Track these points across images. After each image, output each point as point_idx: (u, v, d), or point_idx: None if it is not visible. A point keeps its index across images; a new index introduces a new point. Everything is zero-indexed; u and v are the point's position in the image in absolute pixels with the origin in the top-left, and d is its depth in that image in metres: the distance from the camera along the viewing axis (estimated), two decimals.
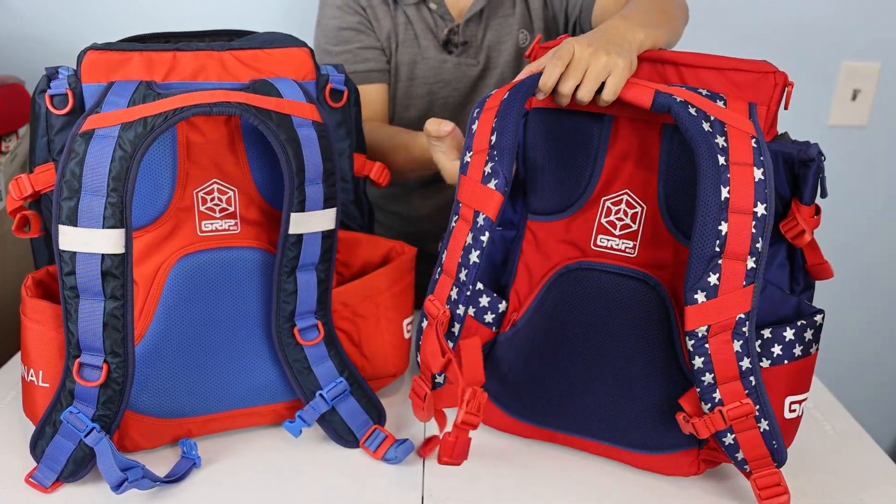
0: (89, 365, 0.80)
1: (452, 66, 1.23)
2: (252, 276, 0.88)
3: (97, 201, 0.76)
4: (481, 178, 0.79)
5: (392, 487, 0.86)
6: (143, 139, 0.77)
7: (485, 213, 0.78)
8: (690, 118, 0.76)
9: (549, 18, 1.24)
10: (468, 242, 0.79)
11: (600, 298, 0.84)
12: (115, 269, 0.78)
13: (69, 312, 0.79)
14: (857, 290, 1.77)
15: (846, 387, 1.58)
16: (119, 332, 0.80)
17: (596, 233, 0.86)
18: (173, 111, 0.78)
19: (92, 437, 0.80)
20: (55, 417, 0.82)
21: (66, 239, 0.77)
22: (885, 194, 1.71)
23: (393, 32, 1.22)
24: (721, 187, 0.74)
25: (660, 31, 0.89)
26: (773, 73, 0.82)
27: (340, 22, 1.20)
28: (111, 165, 0.76)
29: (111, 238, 0.77)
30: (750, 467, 0.81)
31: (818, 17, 1.58)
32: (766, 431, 0.79)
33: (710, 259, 0.75)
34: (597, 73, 0.78)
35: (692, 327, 0.76)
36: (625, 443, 0.88)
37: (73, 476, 0.82)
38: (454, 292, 0.81)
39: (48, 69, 0.84)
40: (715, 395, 0.78)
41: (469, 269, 0.79)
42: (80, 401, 0.81)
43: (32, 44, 1.51)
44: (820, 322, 0.82)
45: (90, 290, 0.78)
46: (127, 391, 0.82)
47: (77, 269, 0.78)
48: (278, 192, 0.90)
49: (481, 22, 1.23)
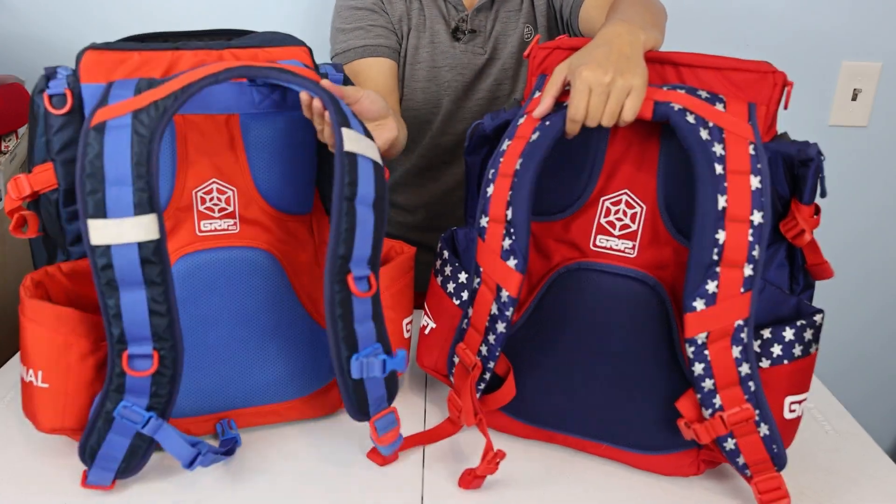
0: (139, 355, 0.78)
1: (460, 53, 1.27)
2: (251, 276, 0.88)
3: (124, 190, 0.75)
4: (500, 251, 0.82)
5: (392, 487, 0.86)
6: (158, 121, 0.76)
7: (507, 290, 0.82)
8: (689, 127, 0.77)
9: (550, 17, 1.29)
10: (494, 313, 0.84)
11: (600, 299, 0.84)
12: (152, 256, 0.76)
13: (109, 306, 0.77)
14: (857, 290, 1.77)
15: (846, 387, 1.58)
16: (164, 316, 0.78)
17: (595, 233, 0.86)
18: (182, 89, 0.77)
19: (150, 426, 0.80)
20: (107, 415, 0.80)
21: (97, 233, 0.75)
22: (885, 194, 1.71)
23: (406, 16, 1.26)
24: (718, 196, 0.75)
25: (655, 31, 0.89)
26: (772, 73, 0.82)
27: (356, 2, 1.24)
28: (131, 152, 0.75)
29: (145, 224, 0.75)
30: (751, 472, 0.81)
31: (818, 17, 1.58)
32: (766, 436, 0.80)
33: (708, 267, 0.75)
34: (618, 99, 0.78)
35: (692, 334, 0.77)
36: (625, 443, 0.88)
37: (128, 471, 0.82)
38: (484, 349, 0.87)
39: (47, 69, 0.84)
40: (715, 401, 0.79)
41: (497, 336, 0.85)
42: (131, 393, 0.80)
43: (32, 44, 1.51)
44: (820, 322, 0.82)
45: (131, 281, 0.76)
46: (179, 373, 0.80)
47: (114, 261, 0.75)
48: (278, 192, 0.90)
49: (490, 12, 1.28)
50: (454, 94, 1.29)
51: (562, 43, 0.90)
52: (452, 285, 0.93)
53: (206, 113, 0.86)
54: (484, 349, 0.86)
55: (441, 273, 0.95)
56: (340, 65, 0.97)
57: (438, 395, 1.04)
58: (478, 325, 0.86)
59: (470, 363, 0.88)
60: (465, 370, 0.89)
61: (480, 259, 0.85)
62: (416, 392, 1.05)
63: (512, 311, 0.83)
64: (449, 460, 0.91)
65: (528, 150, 0.82)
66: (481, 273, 0.85)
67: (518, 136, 0.84)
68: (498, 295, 0.83)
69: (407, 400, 1.03)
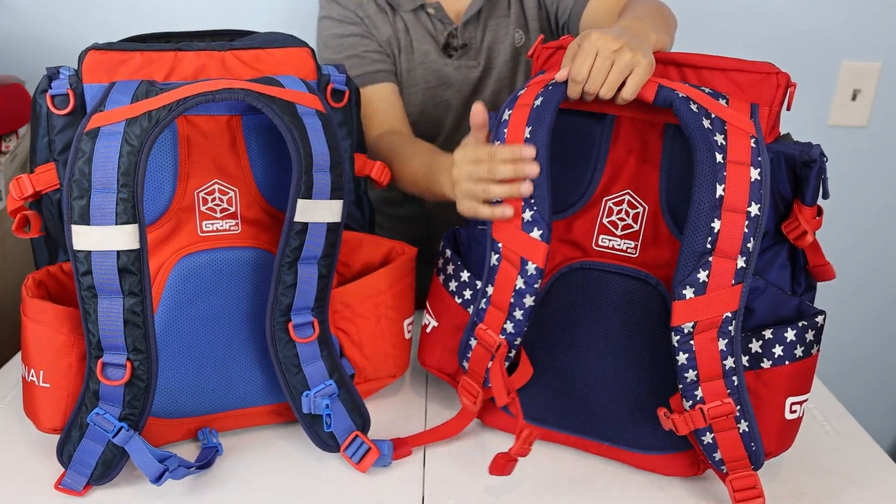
0: (112, 364, 0.80)
1: (453, 70, 1.24)
2: (253, 277, 0.88)
3: (108, 198, 0.76)
4: (521, 223, 0.80)
5: (392, 487, 0.86)
6: (149, 133, 0.76)
7: (534, 262, 0.80)
8: (691, 114, 0.76)
9: (543, 19, 1.25)
10: (520, 287, 0.82)
11: (601, 298, 0.84)
12: (131, 265, 0.77)
13: (87, 312, 0.79)
14: (857, 290, 1.77)
15: (846, 387, 1.58)
16: (140, 328, 0.79)
17: (597, 233, 0.86)
18: (177, 102, 0.77)
19: (121, 436, 0.80)
20: (81, 420, 0.81)
21: (79, 238, 0.77)
22: (885, 194, 1.71)
23: (393, 39, 1.22)
24: (716, 185, 0.74)
25: (664, 35, 0.90)
26: (775, 74, 0.82)
27: (341, 30, 1.20)
28: (119, 161, 0.76)
29: (125, 234, 0.76)
30: (727, 468, 0.81)
31: (818, 17, 1.58)
32: (745, 433, 0.79)
33: (700, 255, 0.75)
34: (621, 70, 0.78)
35: (678, 322, 0.77)
36: (625, 442, 0.88)
37: (102, 478, 0.82)
38: (510, 326, 0.84)
39: (49, 69, 0.84)
40: (697, 393, 0.78)
41: (524, 310, 0.83)
42: (105, 401, 0.81)
43: (33, 44, 1.50)
44: (821, 323, 0.82)
45: (108, 289, 0.78)
46: (152, 387, 0.81)
47: (93, 268, 0.77)
48: (280, 192, 0.90)
49: (479, 23, 1.23)
50: (455, 112, 1.26)
51: (565, 42, 0.90)
52: (454, 284, 0.93)
53: (209, 114, 0.86)
54: (510, 326, 0.84)
55: (443, 272, 0.95)
56: (343, 66, 0.97)
57: (440, 395, 1.04)
58: (500, 302, 0.84)
59: (493, 343, 0.85)
60: (486, 352, 0.87)
61: (498, 234, 0.82)
62: (418, 391, 1.05)
63: (540, 283, 0.81)
64: (449, 460, 0.91)
65: (533, 116, 0.79)
66: (500, 248, 0.82)
67: (520, 104, 0.81)
68: (523, 268, 0.81)
69: (408, 399, 1.03)
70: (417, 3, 1.21)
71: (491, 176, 0.79)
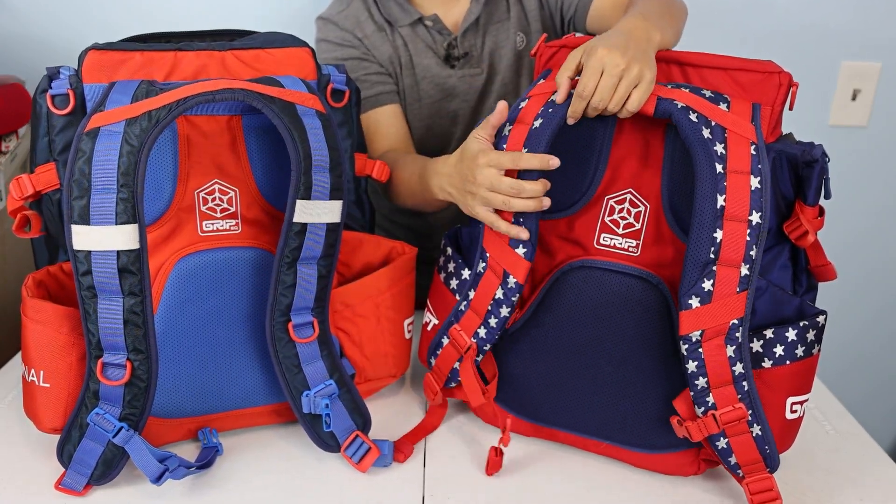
0: (112, 364, 0.80)
1: (457, 80, 1.22)
2: (253, 277, 0.88)
3: (108, 198, 0.76)
4: (508, 238, 0.84)
5: (393, 487, 0.86)
6: (149, 133, 0.76)
7: (515, 277, 0.84)
8: (691, 125, 0.77)
9: (545, 18, 1.24)
10: (498, 297, 0.86)
11: (603, 297, 0.84)
12: (131, 266, 0.77)
13: (87, 313, 0.79)
14: (857, 290, 1.77)
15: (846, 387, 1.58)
16: (140, 328, 0.79)
17: (599, 231, 0.86)
18: (176, 102, 0.77)
19: (121, 436, 0.80)
20: (81, 420, 0.81)
21: (79, 238, 0.77)
22: (885, 194, 1.71)
23: (394, 56, 1.20)
24: (717, 195, 0.75)
25: (670, 32, 0.90)
26: (777, 74, 0.82)
27: (339, 53, 1.19)
28: (119, 161, 0.76)
29: (125, 234, 0.76)
30: (743, 472, 0.81)
31: (818, 18, 1.58)
32: (758, 436, 0.80)
33: (704, 265, 0.76)
34: (627, 87, 0.79)
35: (686, 332, 0.77)
36: (625, 442, 0.88)
37: (103, 478, 0.82)
38: (482, 331, 0.88)
39: (49, 69, 0.84)
40: (708, 399, 0.79)
41: (499, 319, 0.87)
42: (105, 401, 0.81)
43: (33, 44, 1.50)
44: (822, 323, 0.82)
45: (108, 289, 0.78)
46: (152, 387, 0.81)
47: (93, 267, 0.77)
48: (280, 192, 0.90)
49: (478, 30, 1.21)
50: (463, 122, 1.24)
51: (568, 41, 0.90)
52: (455, 282, 0.93)
53: (209, 114, 0.86)
54: (482, 331, 0.88)
55: (444, 269, 0.95)
56: (343, 66, 0.97)
57: None
58: (479, 308, 0.87)
59: (464, 345, 0.89)
60: (454, 353, 0.91)
61: (487, 245, 0.86)
62: (418, 391, 1.05)
63: (518, 296, 0.85)
64: (449, 460, 0.91)
65: (532, 138, 0.81)
66: (487, 258, 0.86)
67: (520, 120, 0.83)
68: (505, 280, 0.84)
69: (408, 399, 1.03)
70: (414, 17, 1.19)
71: (516, 193, 0.81)
